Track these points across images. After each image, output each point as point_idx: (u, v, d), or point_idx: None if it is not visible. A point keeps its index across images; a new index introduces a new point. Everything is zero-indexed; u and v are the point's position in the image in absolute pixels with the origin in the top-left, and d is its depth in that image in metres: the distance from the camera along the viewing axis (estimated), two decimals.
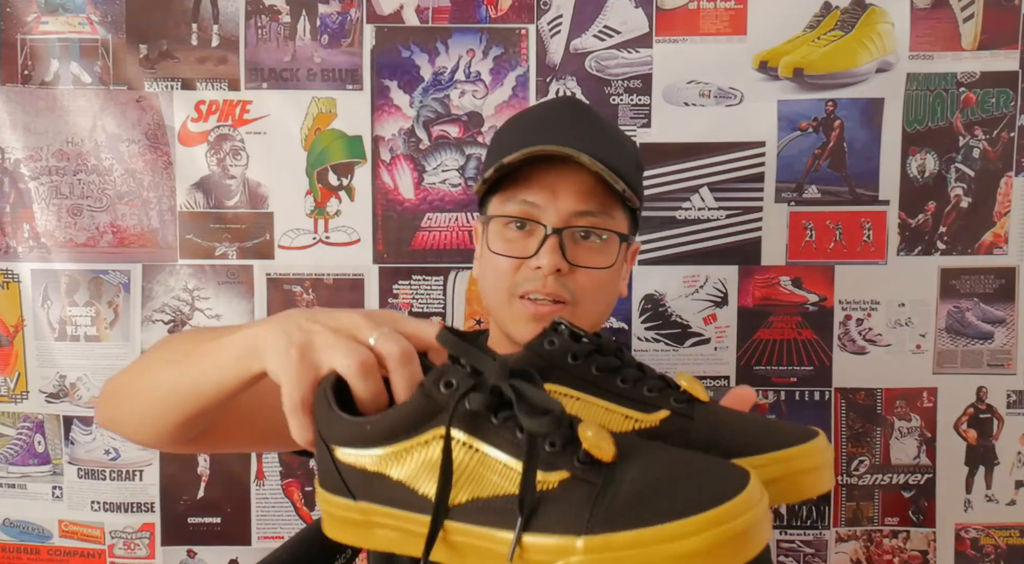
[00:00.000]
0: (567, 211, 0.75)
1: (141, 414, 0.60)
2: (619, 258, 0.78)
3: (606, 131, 0.81)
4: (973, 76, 1.16)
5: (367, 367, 0.42)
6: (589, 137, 0.76)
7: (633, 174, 0.80)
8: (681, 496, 0.36)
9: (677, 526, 0.35)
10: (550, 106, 0.93)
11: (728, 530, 0.34)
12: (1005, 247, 1.19)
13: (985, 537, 1.21)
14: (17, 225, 1.20)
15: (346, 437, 0.42)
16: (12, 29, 1.18)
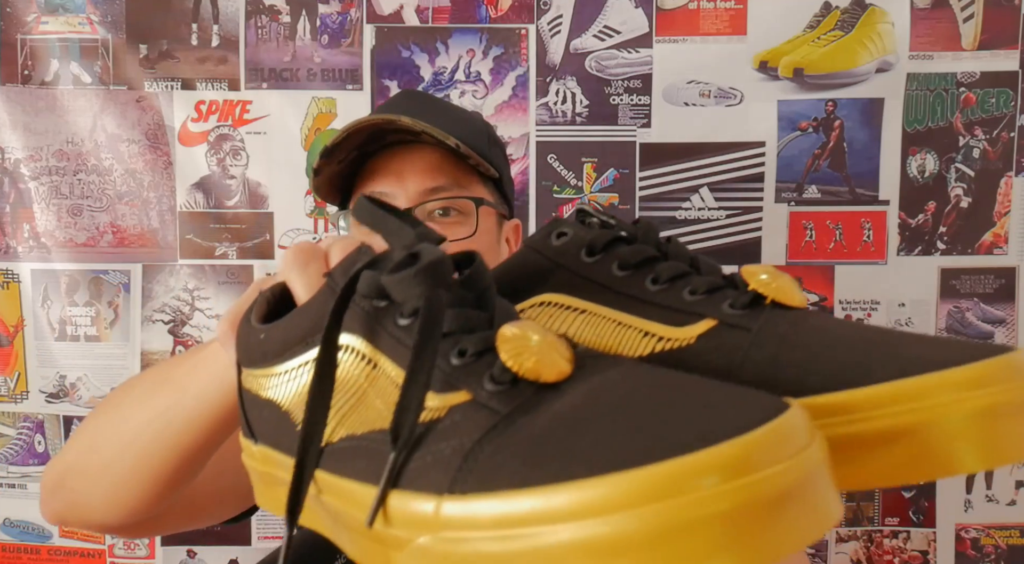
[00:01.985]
0: (416, 191, 0.72)
1: (113, 479, 0.52)
2: (485, 227, 0.74)
3: (444, 108, 0.80)
4: (973, 76, 1.16)
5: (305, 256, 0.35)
6: (421, 112, 0.72)
7: (485, 145, 0.77)
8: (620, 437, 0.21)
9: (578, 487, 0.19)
10: (390, 99, 0.90)
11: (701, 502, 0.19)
12: (1005, 247, 1.19)
13: (985, 537, 1.21)
14: (17, 225, 1.20)
15: (247, 352, 0.32)
16: (12, 29, 1.18)
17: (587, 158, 1.18)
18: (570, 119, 1.18)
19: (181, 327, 1.21)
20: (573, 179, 1.18)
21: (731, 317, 0.32)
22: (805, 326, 0.31)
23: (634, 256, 0.34)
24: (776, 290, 0.32)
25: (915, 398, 0.26)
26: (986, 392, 0.26)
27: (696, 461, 0.19)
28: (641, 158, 1.18)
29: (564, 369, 0.26)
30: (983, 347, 0.28)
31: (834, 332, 0.30)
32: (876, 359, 0.28)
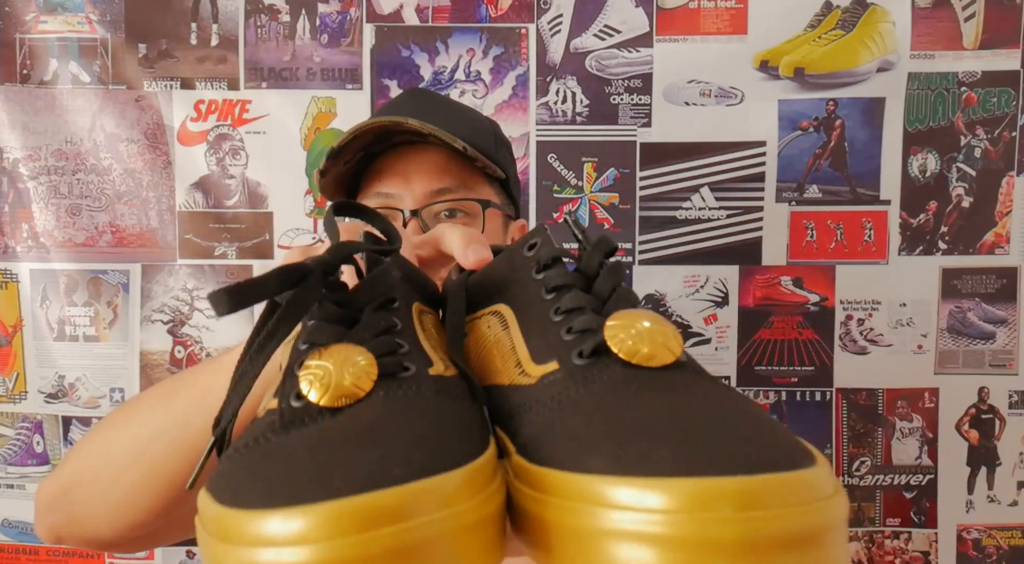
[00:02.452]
0: (422, 192, 0.71)
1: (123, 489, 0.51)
2: (491, 228, 0.74)
3: (451, 108, 0.80)
4: (974, 75, 1.16)
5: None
6: (427, 112, 0.73)
7: (492, 147, 0.77)
8: (287, 474, 0.22)
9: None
10: (395, 97, 0.89)
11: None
12: (1007, 247, 1.18)
13: (987, 538, 1.21)
14: (16, 225, 1.20)
15: None
16: (11, 28, 1.18)
17: (587, 158, 1.18)
18: (570, 119, 1.18)
19: (180, 327, 1.21)
20: (573, 179, 1.18)
21: (571, 365, 0.29)
22: (609, 394, 0.27)
23: (555, 280, 0.33)
24: (625, 346, 0.28)
25: (580, 498, 0.23)
26: (679, 519, 0.21)
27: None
28: (641, 158, 1.18)
29: (346, 390, 0.26)
30: (773, 458, 0.22)
31: (625, 409, 0.25)
32: (629, 450, 0.23)
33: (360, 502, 0.21)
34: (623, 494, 0.21)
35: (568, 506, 0.23)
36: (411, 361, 0.29)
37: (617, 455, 0.23)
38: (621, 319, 0.29)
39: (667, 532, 0.20)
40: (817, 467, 0.23)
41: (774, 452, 0.22)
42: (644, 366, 0.28)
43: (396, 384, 0.27)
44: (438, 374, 0.29)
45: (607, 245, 0.33)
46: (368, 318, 0.30)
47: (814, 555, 0.21)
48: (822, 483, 0.22)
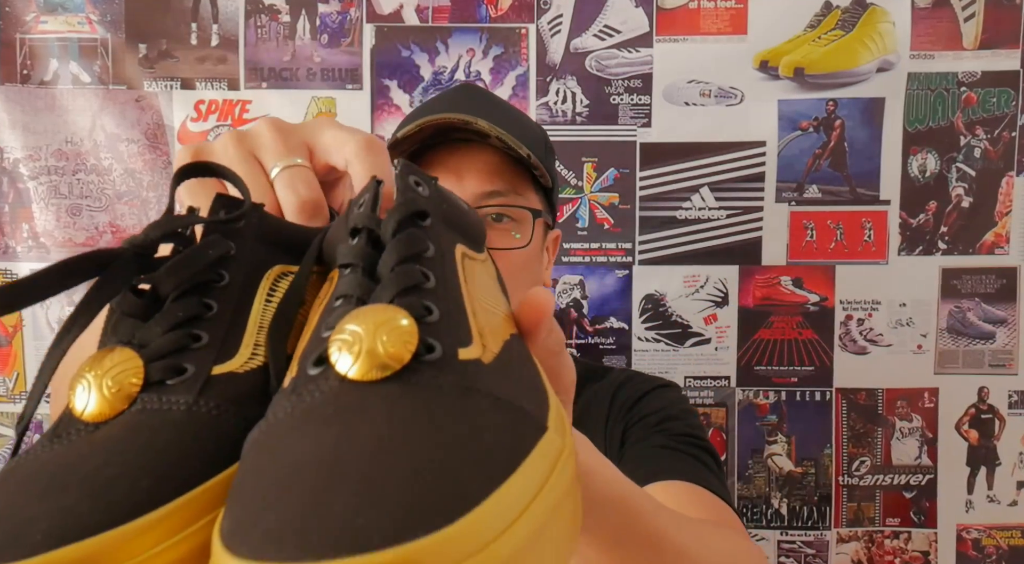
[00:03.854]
0: (474, 192, 0.71)
1: None
2: (535, 237, 0.74)
3: (507, 109, 0.80)
4: (974, 75, 1.16)
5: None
6: (488, 112, 0.72)
7: (542, 152, 0.77)
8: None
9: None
10: (448, 91, 0.89)
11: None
12: (1006, 247, 1.18)
13: (987, 538, 1.21)
14: (16, 225, 1.20)
15: None
16: (11, 28, 1.18)
17: (587, 158, 1.18)
18: (570, 119, 1.18)
19: None
20: (573, 179, 1.18)
21: (304, 374, 0.25)
22: (293, 423, 0.22)
23: (345, 255, 0.28)
24: (339, 355, 0.23)
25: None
26: None
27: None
28: (641, 158, 1.18)
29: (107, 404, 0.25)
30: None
31: (283, 450, 0.21)
32: (242, 516, 0.19)
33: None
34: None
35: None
36: (196, 359, 0.26)
37: (245, 516, 0.19)
38: (352, 322, 0.23)
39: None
40: (490, 500, 0.18)
41: (429, 501, 0.18)
42: (358, 380, 0.22)
43: (157, 395, 0.25)
44: (226, 371, 0.26)
45: (410, 207, 0.27)
46: (167, 308, 0.27)
47: None
48: (486, 525, 0.18)
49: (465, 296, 0.27)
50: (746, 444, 1.20)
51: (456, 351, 0.24)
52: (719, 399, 1.20)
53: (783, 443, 1.20)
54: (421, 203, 0.28)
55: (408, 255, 0.26)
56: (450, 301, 0.26)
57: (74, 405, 0.25)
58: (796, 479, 1.21)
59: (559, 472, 0.21)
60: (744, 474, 1.21)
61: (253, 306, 0.29)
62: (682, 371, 1.18)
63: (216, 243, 0.29)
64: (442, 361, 0.23)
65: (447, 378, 0.23)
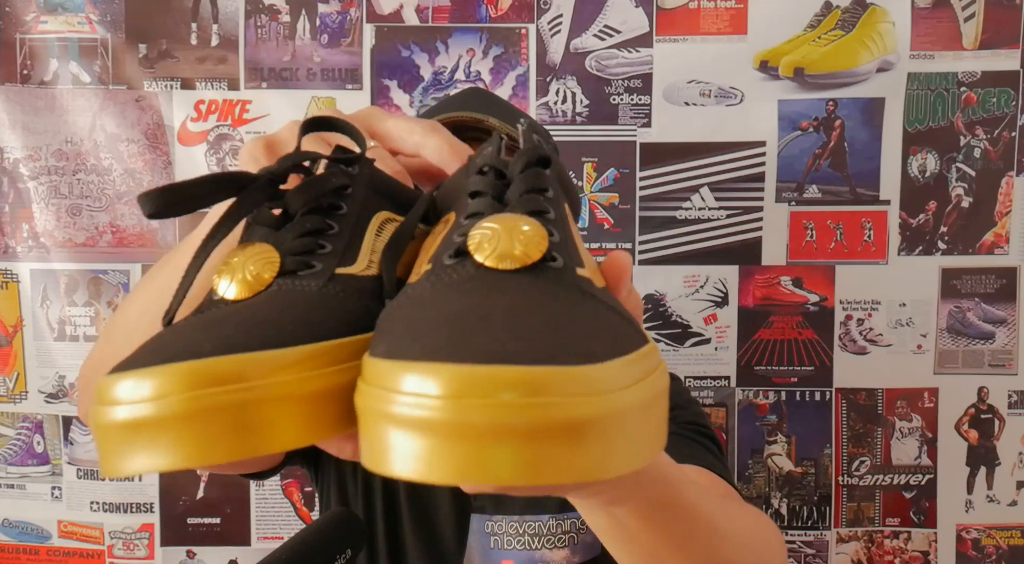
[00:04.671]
0: None
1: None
2: None
3: (512, 109, 0.81)
4: (974, 76, 1.16)
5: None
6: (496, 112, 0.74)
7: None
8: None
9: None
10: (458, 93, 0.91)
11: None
12: (1006, 247, 1.18)
13: (986, 538, 1.21)
14: (16, 225, 1.20)
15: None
16: (11, 28, 1.18)
17: (587, 158, 1.18)
18: (570, 119, 1.18)
19: None
20: (573, 179, 1.18)
21: (439, 264, 0.29)
22: (441, 291, 0.27)
23: (474, 185, 0.32)
24: (480, 248, 0.28)
25: (368, 380, 0.24)
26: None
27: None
28: (641, 158, 1.18)
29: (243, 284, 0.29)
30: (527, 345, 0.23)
31: (440, 303, 0.26)
32: (412, 336, 0.24)
33: (197, 365, 0.24)
34: (401, 378, 0.21)
35: (362, 388, 0.24)
36: (322, 260, 0.31)
37: (401, 340, 0.23)
38: (490, 222, 0.28)
39: (434, 418, 0.20)
40: (608, 364, 0.22)
41: (564, 346, 0.22)
42: (495, 268, 0.27)
43: (291, 280, 0.30)
44: (350, 273, 0.31)
45: (533, 153, 0.32)
46: (297, 220, 0.32)
47: (591, 446, 0.21)
48: (608, 377, 0.22)
49: (573, 232, 0.31)
50: (746, 444, 1.20)
51: (574, 268, 0.28)
52: (719, 399, 1.20)
53: (783, 443, 1.20)
54: (546, 152, 0.32)
55: (533, 187, 0.31)
56: (566, 232, 0.30)
57: (216, 288, 0.30)
58: (796, 479, 1.21)
59: (660, 374, 0.26)
60: (744, 474, 1.21)
61: (365, 236, 0.34)
62: (682, 371, 1.18)
63: (337, 175, 0.34)
64: (564, 270, 0.28)
65: (569, 281, 0.28)
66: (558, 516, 0.76)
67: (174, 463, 0.24)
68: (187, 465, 0.24)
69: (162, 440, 0.24)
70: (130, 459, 0.24)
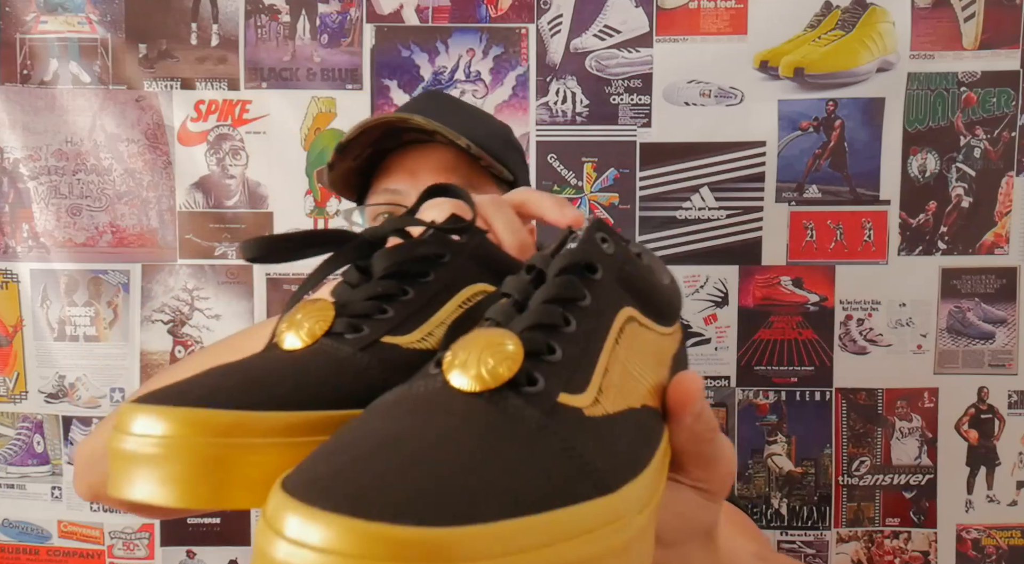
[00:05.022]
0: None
1: None
2: None
3: (466, 110, 0.81)
4: (974, 76, 1.16)
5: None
6: (440, 113, 0.73)
7: (500, 148, 0.77)
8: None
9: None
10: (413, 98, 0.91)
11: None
12: (1006, 247, 1.18)
13: (986, 538, 1.21)
14: (16, 225, 1.20)
15: None
16: (11, 28, 1.18)
17: (587, 158, 1.18)
18: (570, 119, 1.18)
19: (180, 327, 1.21)
20: (573, 179, 1.18)
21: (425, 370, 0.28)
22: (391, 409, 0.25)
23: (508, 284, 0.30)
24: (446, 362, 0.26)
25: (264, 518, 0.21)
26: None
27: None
28: (641, 158, 1.18)
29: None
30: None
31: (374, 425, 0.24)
32: (321, 473, 0.21)
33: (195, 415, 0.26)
34: (290, 522, 0.19)
35: (260, 522, 0.21)
36: (375, 326, 0.31)
37: (304, 473, 0.21)
38: (474, 335, 0.26)
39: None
40: (500, 524, 0.19)
41: (464, 504, 0.19)
42: (457, 389, 0.25)
43: (333, 341, 0.31)
44: (395, 342, 0.31)
45: (578, 256, 0.29)
46: (371, 283, 0.33)
47: None
48: (485, 543, 0.19)
49: (604, 352, 0.28)
50: (746, 444, 1.20)
51: (558, 393, 0.25)
52: (719, 399, 1.20)
53: (783, 443, 1.20)
54: (592, 256, 0.29)
55: (558, 297, 0.28)
56: (581, 349, 0.27)
57: (278, 333, 0.32)
58: (796, 479, 1.21)
59: (601, 537, 0.22)
60: (744, 474, 1.21)
61: (445, 305, 0.33)
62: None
63: (428, 244, 0.34)
64: (539, 397, 0.25)
65: (533, 412, 0.24)
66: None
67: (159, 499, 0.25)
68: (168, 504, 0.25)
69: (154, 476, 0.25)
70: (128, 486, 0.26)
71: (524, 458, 0.22)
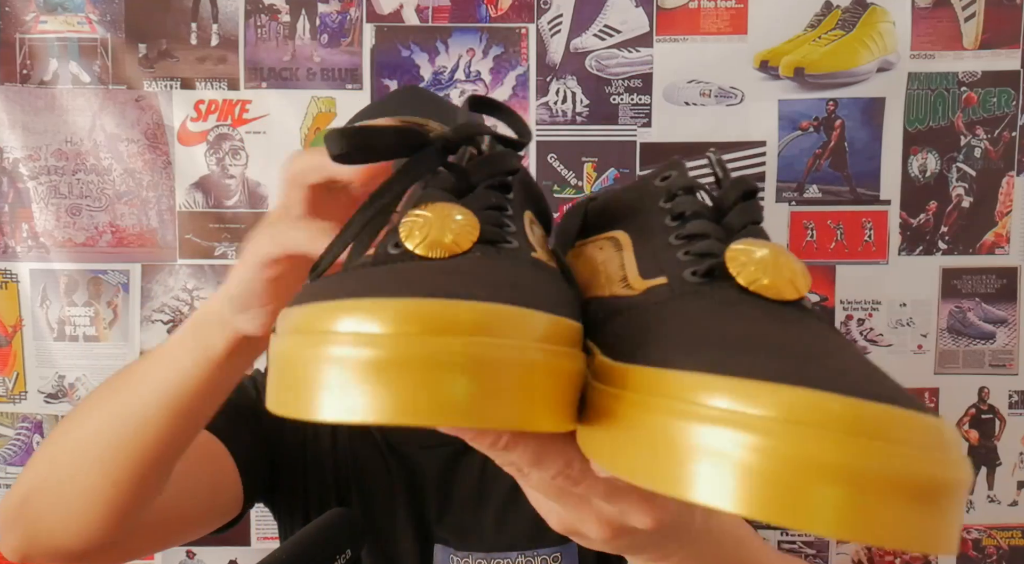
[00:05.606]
0: None
1: (73, 493, 0.49)
2: None
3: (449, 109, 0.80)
4: (974, 75, 1.16)
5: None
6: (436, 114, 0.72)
7: None
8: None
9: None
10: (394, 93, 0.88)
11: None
12: (1007, 247, 1.18)
13: (987, 538, 1.21)
14: (16, 225, 1.20)
15: None
16: (11, 28, 1.18)
17: (587, 157, 1.18)
18: (570, 118, 1.18)
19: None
20: (573, 178, 1.18)
21: (680, 280, 0.28)
22: (716, 309, 0.25)
23: (683, 206, 0.33)
24: (746, 271, 0.26)
25: (667, 394, 0.21)
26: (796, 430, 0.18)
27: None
28: (641, 158, 1.18)
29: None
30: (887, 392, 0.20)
31: (732, 323, 0.24)
32: (729, 353, 0.21)
33: (438, 305, 0.20)
34: (718, 393, 0.19)
35: (652, 402, 0.21)
36: (514, 238, 0.29)
37: (716, 356, 0.21)
38: (748, 245, 0.27)
39: (761, 441, 0.18)
40: (945, 422, 0.19)
41: (893, 390, 0.19)
42: (762, 295, 0.25)
43: (495, 250, 0.27)
44: (539, 258, 0.29)
45: (746, 184, 0.33)
46: (481, 191, 0.30)
47: (928, 517, 0.18)
48: (953, 437, 0.19)
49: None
50: None
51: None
52: None
53: None
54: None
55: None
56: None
57: (403, 240, 0.26)
58: None
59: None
60: None
61: (525, 228, 0.32)
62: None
63: (514, 156, 0.33)
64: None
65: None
66: (528, 553, 0.72)
67: (383, 415, 0.20)
68: (396, 421, 0.20)
69: (384, 386, 0.20)
70: (331, 402, 0.20)
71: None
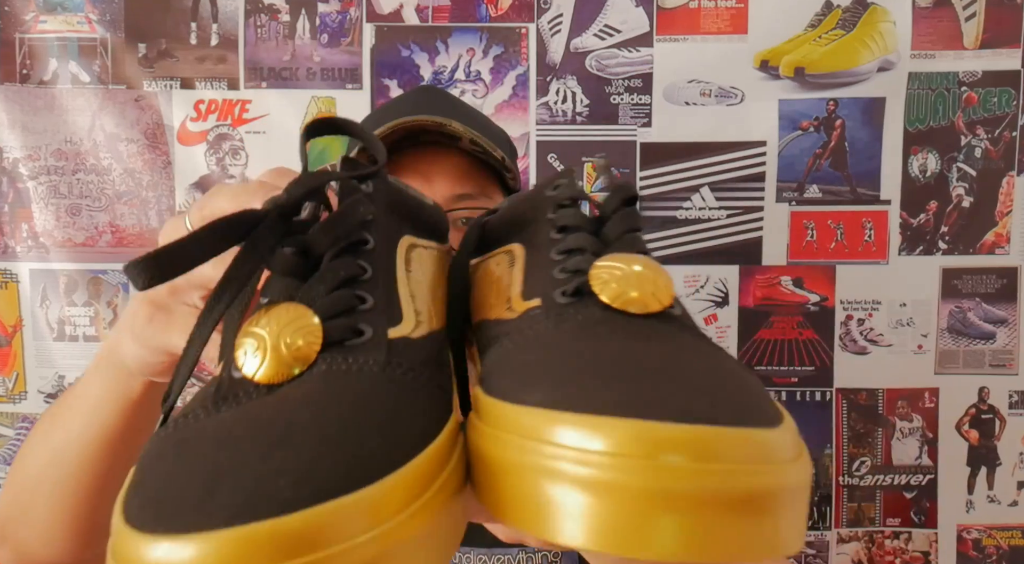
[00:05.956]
0: (443, 195, 0.69)
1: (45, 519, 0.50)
2: None
3: (471, 111, 0.80)
4: (975, 75, 1.16)
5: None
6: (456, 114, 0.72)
7: (509, 154, 0.76)
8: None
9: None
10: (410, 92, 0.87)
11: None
12: (1007, 247, 1.18)
13: (987, 538, 1.21)
14: (15, 225, 1.20)
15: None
16: (10, 28, 1.18)
17: (587, 158, 1.18)
18: (570, 118, 1.17)
19: None
20: None
21: (552, 302, 0.27)
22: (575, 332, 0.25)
23: (564, 219, 0.31)
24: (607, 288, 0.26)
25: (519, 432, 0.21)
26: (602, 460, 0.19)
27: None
28: (641, 158, 1.18)
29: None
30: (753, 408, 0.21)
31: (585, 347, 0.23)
32: (573, 385, 0.21)
33: (258, 530, 0.17)
34: (563, 431, 0.19)
35: (507, 439, 0.21)
36: (369, 321, 0.25)
37: (560, 389, 0.21)
38: (612, 261, 0.28)
39: (610, 477, 0.18)
40: (782, 429, 0.20)
41: (736, 407, 0.20)
42: (625, 311, 0.26)
43: (342, 356, 0.24)
44: (401, 335, 0.26)
45: (626, 191, 0.31)
46: (326, 267, 0.26)
47: (761, 526, 0.19)
48: (784, 445, 0.20)
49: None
50: None
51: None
52: None
53: None
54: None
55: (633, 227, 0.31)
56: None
57: (238, 363, 0.23)
58: None
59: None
60: None
61: (397, 274, 0.29)
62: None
63: (364, 203, 0.28)
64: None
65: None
66: (528, 549, 0.73)
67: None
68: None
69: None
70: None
71: (741, 371, 0.23)
